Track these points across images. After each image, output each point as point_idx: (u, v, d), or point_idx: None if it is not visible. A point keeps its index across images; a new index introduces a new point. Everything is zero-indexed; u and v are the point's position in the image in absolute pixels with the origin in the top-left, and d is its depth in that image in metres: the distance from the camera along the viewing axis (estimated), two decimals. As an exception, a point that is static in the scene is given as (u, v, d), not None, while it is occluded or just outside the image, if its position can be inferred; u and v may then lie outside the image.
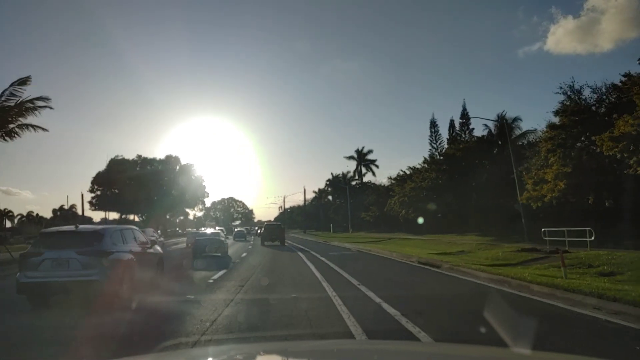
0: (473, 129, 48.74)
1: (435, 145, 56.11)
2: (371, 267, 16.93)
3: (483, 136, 40.24)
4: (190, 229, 43.52)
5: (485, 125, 43.67)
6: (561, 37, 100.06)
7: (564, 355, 3.57)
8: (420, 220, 40.18)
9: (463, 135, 48.99)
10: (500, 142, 42.73)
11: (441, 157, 39.35)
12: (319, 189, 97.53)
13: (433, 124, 56.54)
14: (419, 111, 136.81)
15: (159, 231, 41.49)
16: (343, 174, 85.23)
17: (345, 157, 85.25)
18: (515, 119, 42.09)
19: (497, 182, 32.62)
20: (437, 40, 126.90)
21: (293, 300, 9.02)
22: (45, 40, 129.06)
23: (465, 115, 49.84)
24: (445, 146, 50.47)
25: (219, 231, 28.75)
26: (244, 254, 24.85)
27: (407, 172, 56.30)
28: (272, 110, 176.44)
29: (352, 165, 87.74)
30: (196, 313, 7.72)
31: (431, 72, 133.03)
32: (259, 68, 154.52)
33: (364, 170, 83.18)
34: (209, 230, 30.77)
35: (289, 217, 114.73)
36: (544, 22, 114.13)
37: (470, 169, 35.86)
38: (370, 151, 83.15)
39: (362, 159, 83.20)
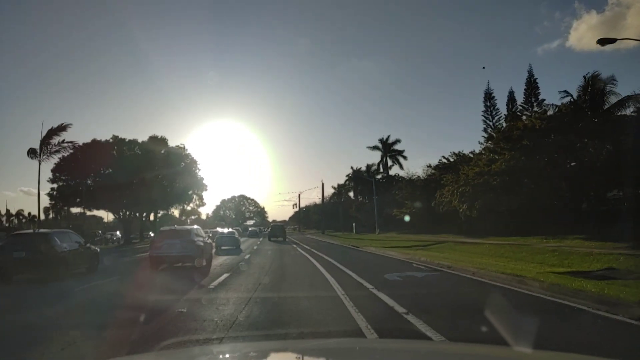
0: (544, 99, 37.58)
1: (491, 123, 45.08)
2: None
3: (570, 102, 29.37)
4: (219, 229, 48.36)
5: (566, 92, 32.82)
6: (584, 33, 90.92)
7: (565, 355, 3.18)
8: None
9: (530, 109, 37.95)
10: (589, 113, 31.96)
11: (514, 132, 28.54)
12: (339, 185, 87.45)
13: (488, 96, 45.15)
14: (439, 107, 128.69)
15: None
16: (367, 165, 74.73)
17: (368, 147, 74.60)
18: (609, 80, 31.16)
19: (614, 162, 22.06)
20: (456, 35, 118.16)
21: None
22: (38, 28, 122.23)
23: (532, 83, 38.59)
24: (504, 124, 39.58)
25: (234, 231, 38.00)
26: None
27: (451, 160, 45.94)
28: (286, 108, 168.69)
29: (376, 157, 77.50)
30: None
31: (448, 67, 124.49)
32: (272, 66, 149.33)
33: (389, 162, 72.63)
34: (225, 230, 38.63)
35: (305, 216, 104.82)
36: (567, 18, 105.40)
37: (564, 146, 25.14)
38: (397, 141, 72.49)
39: (388, 149, 72.60)
